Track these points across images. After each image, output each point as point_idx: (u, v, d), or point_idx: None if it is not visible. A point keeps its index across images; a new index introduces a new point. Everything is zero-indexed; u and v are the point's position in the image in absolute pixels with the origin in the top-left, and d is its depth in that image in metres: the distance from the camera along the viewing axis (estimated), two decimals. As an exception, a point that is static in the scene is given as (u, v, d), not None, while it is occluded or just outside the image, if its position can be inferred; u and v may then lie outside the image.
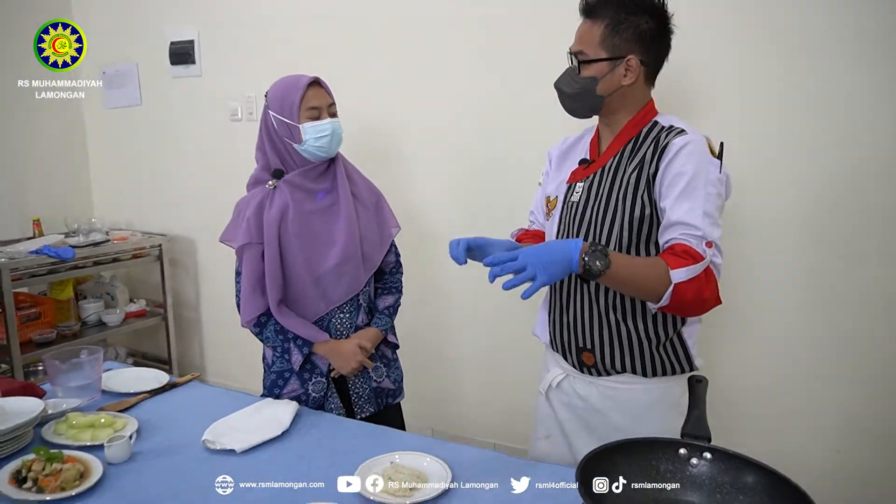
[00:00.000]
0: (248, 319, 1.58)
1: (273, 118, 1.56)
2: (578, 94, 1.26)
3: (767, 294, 1.95)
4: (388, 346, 1.71)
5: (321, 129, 1.53)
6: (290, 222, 1.55)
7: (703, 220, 1.14)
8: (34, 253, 2.63)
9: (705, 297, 1.14)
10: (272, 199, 1.56)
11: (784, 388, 1.97)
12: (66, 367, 1.50)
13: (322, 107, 1.55)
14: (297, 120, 1.52)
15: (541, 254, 1.08)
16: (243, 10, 2.74)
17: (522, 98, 2.20)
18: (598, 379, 1.32)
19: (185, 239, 3.16)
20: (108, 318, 2.94)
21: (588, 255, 1.10)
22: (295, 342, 1.57)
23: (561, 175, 1.38)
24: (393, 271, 1.75)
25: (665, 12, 1.24)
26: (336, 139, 1.57)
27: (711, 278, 1.15)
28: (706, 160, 1.17)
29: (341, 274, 1.58)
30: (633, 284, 1.17)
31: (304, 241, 1.56)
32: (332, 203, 1.60)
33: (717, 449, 0.97)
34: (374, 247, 1.66)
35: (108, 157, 3.34)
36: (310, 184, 1.58)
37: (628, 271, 1.14)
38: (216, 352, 3.22)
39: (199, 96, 2.93)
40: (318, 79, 1.57)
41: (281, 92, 1.56)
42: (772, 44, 1.82)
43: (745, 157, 1.89)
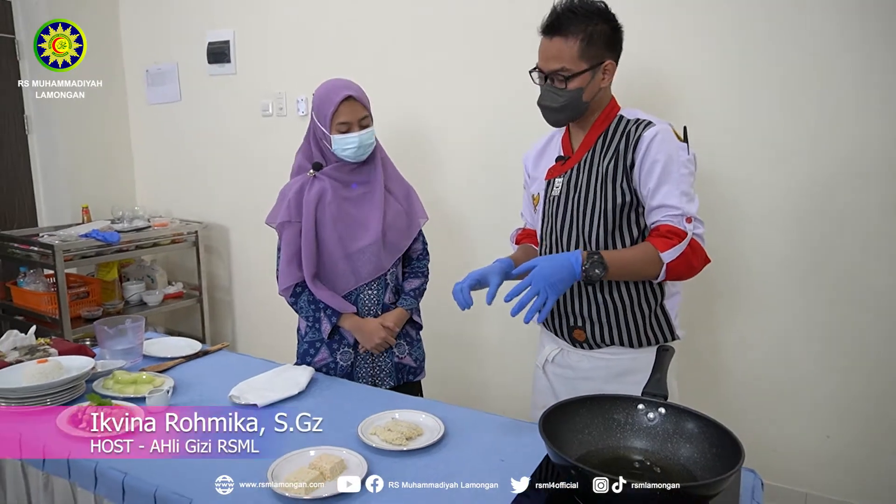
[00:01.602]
0: (285, 288, 1.76)
1: (315, 120, 1.73)
2: (566, 106, 1.38)
3: (763, 285, 2.04)
4: (413, 326, 1.86)
5: (347, 142, 1.68)
6: (328, 205, 1.72)
7: (681, 199, 1.30)
8: (84, 236, 2.87)
9: (694, 266, 1.32)
10: (311, 185, 1.74)
11: (778, 375, 2.06)
12: (113, 332, 1.71)
13: (353, 121, 1.68)
14: (328, 130, 1.68)
15: (549, 276, 1.24)
16: (275, 12, 2.92)
17: None
18: (590, 351, 1.46)
19: (219, 226, 3.37)
20: (148, 298, 3.18)
21: (587, 265, 1.27)
22: (325, 312, 1.74)
23: (539, 173, 1.53)
24: (420, 258, 1.90)
25: (614, 15, 1.38)
26: (363, 149, 1.71)
27: (697, 247, 1.32)
28: (675, 146, 1.33)
29: (369, 253, 1.75)
30: (630, 275, 1.35)
31: (338, 222, 1.73)
32: (365, 192, 1.77)
33: (670, 405, 1.10)
34: (400, 234, 1.81)
35: (150, 150, 3.57)
36: (345, 176, 1.75)
37: (624, 267, 1.31)
38: (247, 332, 3.43)
39: (234, 93, 3.13)
40: (352, 94, 1.68)
41: (319, 100, 1.71)
42: (770, 37, 1.90)
43: (741, 153, 2.00)
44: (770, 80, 1.92)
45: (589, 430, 1.10)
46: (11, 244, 2.92)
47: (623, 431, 1.10)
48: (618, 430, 1.10)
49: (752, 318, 2.07)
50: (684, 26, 2.02)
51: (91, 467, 1.21)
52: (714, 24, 1.97)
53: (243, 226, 3.27)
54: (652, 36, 2.02)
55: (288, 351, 1.92)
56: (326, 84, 1.74)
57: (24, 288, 2.93)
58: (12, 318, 3.01)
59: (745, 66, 1.94)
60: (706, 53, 1.99)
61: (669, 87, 2.05)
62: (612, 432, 1.10)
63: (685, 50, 2.03)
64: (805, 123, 1.90)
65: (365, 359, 1.79)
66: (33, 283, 2.92)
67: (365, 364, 1.79)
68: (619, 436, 1.10)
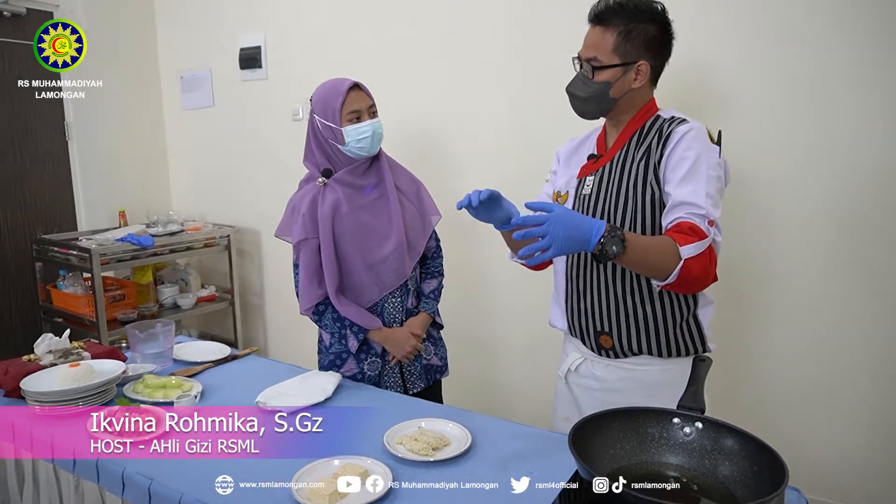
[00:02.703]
0: (307, 308, 1.73)
1: (318, 122, 1.68)
2: (591, 97, 1.34)
3: (803, 289, 1.96)
4: (434, 326, 1.84)
5: (362, 131, 1.64)
6: (344, 216, 1.68)
7: (706, 200, 1.23)
8: (120, 240, 2.93)
9: (709, 273, 1.23)
10: (324, 195, 1.69)
11: (820, 383, 1.97)
12: (144, 336, 1.73)
13: (362, 109, 1.65)
14: (339, 123, 1.64)
15: (564, 226, 1.12)
16: (305, 17, 2.94)
17: (562, 95, 2.29)
18: (616, 361, 1.40)
19: (251, 230, 3.40)
20: (182, 301, 3.23)
21: (606, 239, 1.15)
22: (351, 329, 1.71)
23: (570, 171, 1.47)
24: (434, 256, 1.86)
25: (668, 20, 1.33)
26: (376, 138, 1.68)
27: (713, 256, 1.24)
28: (707, 146, 1.26)
29: (391, 262, 1.70)
30: (645, 263, 1.23)
31: (357, 234, 1.69)
32: (379, 196, 1.72)
33: (708, 419, 1.05)
34: (417, 235, 1.77)
35: (185, 155, 3.63)
36: (357, 180, 1.70)
37: (641, 252, 1.20)
38: (278, 335, 3.46)
39: (265, 98, 3.16)
40: (357, 83, 1.67)
41: (323, 97, 1.67)
42: (805, 39, 1.83)
43: (779, 153, 1.92)
44: (809, 78, 1.84)
45: (621, 445, 1.05)
46: (52, 248, 3.00)
47: (658, 447, 1.05)
48: (652, 446, 1.05)
49: (787, 323, 1.99)
50: (717, 20, 1.94)
51: (118, 472, 1.22)
52: (749, 18, 1.90)
53: (274, 230, 3.28)
54: (683, 29, 1.95)
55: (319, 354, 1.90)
56: (325, 83, 1.70)
57: (63, 291, 3.00)
58: (52, 319, 3.09)
59: (782, 62, 1.87)
60: (740, 49, 1.92)
61: (701, 85, 1.98)
62: (645, 447, 1.05)
63: (718, 46, 1.95)
64: (845, 123, 1.81)
65: (393, 367, 1.77)
66: (72, 286, 2.99)
67: (393, 372, 1.76)
68: (653, 451, 1.05)
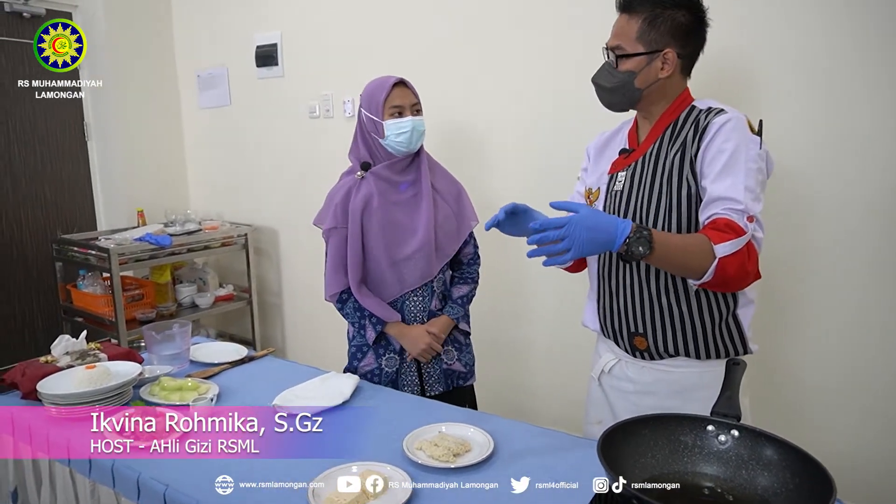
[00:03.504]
0: (331, 294, 1.75)
1: (364, 115, 1.70)
2: (617, 87, 1.30)
3: (843, 286, 1.87)
4: (460, 332, 1.81)
5: (401, 126, 1.65)
6: (375, 210, 1.68)
7: (745, 194, 1.16)
8: (138, 240, 2.93)
9: (748, 271, 1.17)
10: (359, 188, 1.71)
11: (857, 384, 1.89)
12: (161, 338, 1.71)
13: (405, 105, 1.67)
14: (381, 117, 1.65)
15: (586, 230, 1.08)
16: (321, 14, 2.91)
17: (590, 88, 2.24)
18: (651, 363, 1.34)
19: (268, 229, 3.39)
20: (200, 300, 3.22)
21: (632, 238, 1.11)
22: (370, 319, 1.71)
23: (601, 167, 1.42)
24: (470, 262, 1.84)
25: (700, 6, 1.27)
26: (416, 136, 1.68)
27: (753, 252, 1.17)
28: (746, 137, 1.19)
29: (416, 260, 1.70)
30: (676, 262, 1.18)
31: (386, 229, 1.69)
32: (414, 194, 1.72)
33: (744, 427, 0.99)
34: (449, 237, 1.76)
35: (202, 154, 3.63)
36: (395, 176, 1.71)
37: (671, 250, 1.15)
38: (296, 334, 3.44)
39: (282, 96, 3.14)
40: (403, 80, 1.69)
41: (370, 91, 1.70)
42: (847, 31, 1.74)
43: (824, 148, 1.83)
44: (857, 69, 1.75)
45: (653, 454, 1.00)
46: (71, 248, 3.01)
47: (691, 455, 1.00)
48: (685, 454, 1.00)
49: (829, 324, 1.91)
50: (760, 7, 1.86)
51: (133, 477, 1.19)
52: (794, 4, 1.82)
53: (292, 228, 3.27)
54: (721, 16, 1.88)
55: (337, 355, 1.88)
56: (375, 79, 1.73)
57: (82, 290, 3.01)
58: (72, 319, 3.10)
59: (829, 51, 1.78)
60: (784, 36, 1.84)
61: (742, 74, 1.90)
62: (678, 456, 1.00)
63: (761, 33, 1.87)
64: (887, 116, 1.72)
65: (411, 365, 1.74)
66: (91, 285, 3.00)
67: (411, 371, 1.74)
68: (686, 460, 1.00)
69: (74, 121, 3.32)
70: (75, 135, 3.33)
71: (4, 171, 3.10)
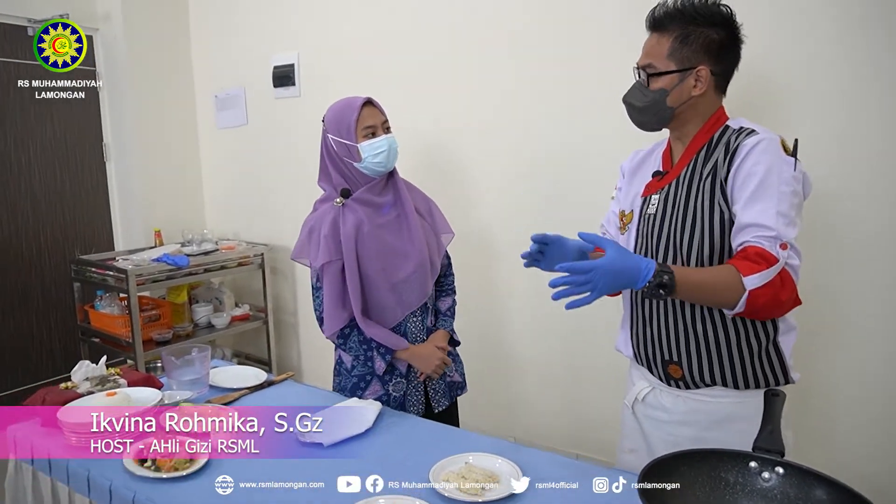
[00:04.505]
0: (333, 332, 1.69)
1: (332, 141, 1.66)
2: (648, 106, 1.27)
3: (878, 314, 1.82)
4: (452, 343, 1.81)
5: (377, 146, 1.62)
6: (367, 236, 1.65)
7: (777, 220, 1.12)
8: (155, 261, 2.93)
9: (782, 301, 1.13)
10: (344, 216, 1.65)
11: (892, 409, 1.83)
12: (180, 363, 1.69)
13: (377, 124, 1.64)
14: (354, 140, 1.62)
15: (611, 278, 1.07)
16: (337, 35, 2.92)
17: (584, 114, 2.24)
18: (687, 392, 1.30)
19: (284, 248, 3.37)
20: (216, 320, 3.21)
21: (652, 282, 1.09)
22: (378, 350, 1.67)
23: (634, 189, 1.39)
24: (447, 273, 1.85)
25: (734, 22, 1.24)
26: (392, 153, 1.65)
27: (788, 281, 1.13)
28: (779, 158, 1.15)
29: (414, 281, 1.68)
30: (703, 298, 1.17)
31: (380, 254, 1.66)
32: (397, 215, 1.70)
33: (789, 464, 0.95)
34: (434, 253, 1.75)
35: (219, 174, 3.64)
36: (376, 198, 1.68)
37: (696, 290, 1.14)
38: (312, 354, 3.41)
39: (299, 115, 3.14)
40: (370, 99, 1.66)
41: (337, 115, 1.65)
42: (879, 40, 1.71)
43: (851, 165, 1.79)
44: (887, 82, 1.72)
45: (693, 491, 0.96)
46: (89, 269, 3.01)
47: (733, 494, 0.96)
48: (727, 493, 0.96)
49: (860, 344, 1.85)
50: (785, 17, 1.82)
51: (155, 511, 1.17)
52: (821, 15, 1.78)
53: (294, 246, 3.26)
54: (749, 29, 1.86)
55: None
56: (337, 102, 1.70)
57: (100, 311, 3.01)
58: (90, 340, 3.10)
59: (858, 64, 1.75)
60: (811, 47, 1.80)
61: (766, 88, 1.87)
62: (720, 494, 0.96)
63: (787, 45, 1.83)
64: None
65: (417, 386, 1.72)
66: (108, 306, 3.00)
67: (417, 391, 1.72)
68: (728, 499, 0.96)
69: (94, 142, 3.34)
70: (94, 156, 3.36)
71: (25, 192, 3.13)
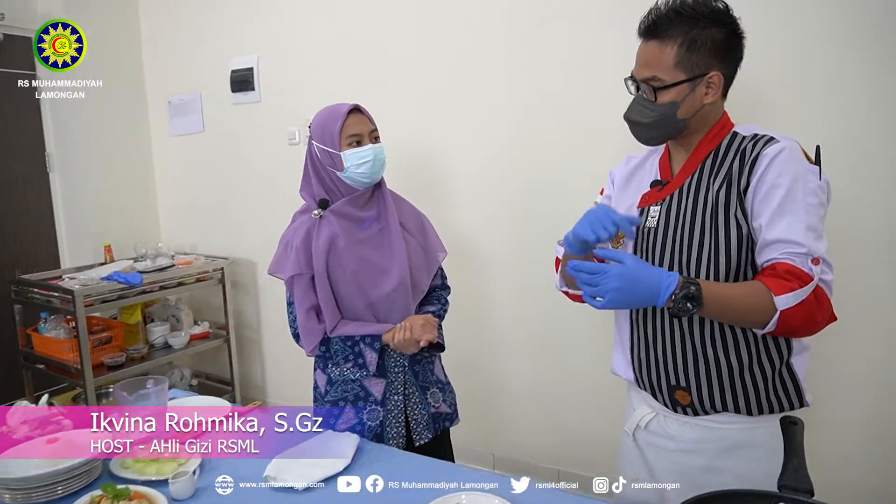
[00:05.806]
0: (313, 348, 1.58)
1: (316, 148, 1.56)
2: (657, 122, 1.17)
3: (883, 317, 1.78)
4: (438, 347, 1.66)
5: (362, 155, 1.52)
6: (341, 251, 1.54)
7: (807, 234, 1.04)
8: (105, 279, 2.72)
9: (817, 321, 1.05)
10: (319, 229, 1.56)
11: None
12: (134, 399, 1.51)
13: (363, 133, 1.54)
14: (338, 148, 1.52)
15: (629, 285, 1.01)
16: (299, 38, 2.78)
17: (565, 119, 2.19)
18: (695, 418, 1.20)
19: (246, 261, 3.21)
20: (173, 340, 3.01)
21: (679, 295, 1.02)
22: (363, 341, 1.56)
23: (627, 199, 1.28)
24: (443, 287, 1.74)
25: (734, 18, 1.15)
26: (378, 164, 1.55)
27: (823, 299, 1.05)
28: (803, 168, 1.07)
29: (393, 300, 1.58)
30: (730, 317, 1.09)
31: (357, 271, 1.55)
32: (379, 229, 1.60)
33: (822, 504, 0.87)
34: (421, 272, 1.64)
35: (174, 184, 3.44)
36: (357, 211, 1.58)
37: (725, 306, 1.06)
38: (276, 372, 3.25)
39: (259, 122, 2.99)
40: (358, 106, 1.56)
41: (322, 121, 1.56)
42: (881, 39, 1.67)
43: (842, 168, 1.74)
44: (875, 83, 1.68)
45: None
46: (32, 289, 2.78)
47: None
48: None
49: (869, 360, 1.80)
50: (774, 21, 1.78)
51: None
52: (805, 18, 1.74)
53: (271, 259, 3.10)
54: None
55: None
56: (325, 108, 1.59)
57: (44, 335, 2.78)
58: (34, 366, 2.86)
59: (844, 65, 1.71)
60: (796, 51, 1.77)
61: (755, 90, 1.81)
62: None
63: (775, 48, 1.78)
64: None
65: (397, 416, 1.60)
66: (54, 329, 2.77)
67: (397, 421, 1.60)
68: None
69: (34, 152, 3.10)
70: (35, 166, 3.11)
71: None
